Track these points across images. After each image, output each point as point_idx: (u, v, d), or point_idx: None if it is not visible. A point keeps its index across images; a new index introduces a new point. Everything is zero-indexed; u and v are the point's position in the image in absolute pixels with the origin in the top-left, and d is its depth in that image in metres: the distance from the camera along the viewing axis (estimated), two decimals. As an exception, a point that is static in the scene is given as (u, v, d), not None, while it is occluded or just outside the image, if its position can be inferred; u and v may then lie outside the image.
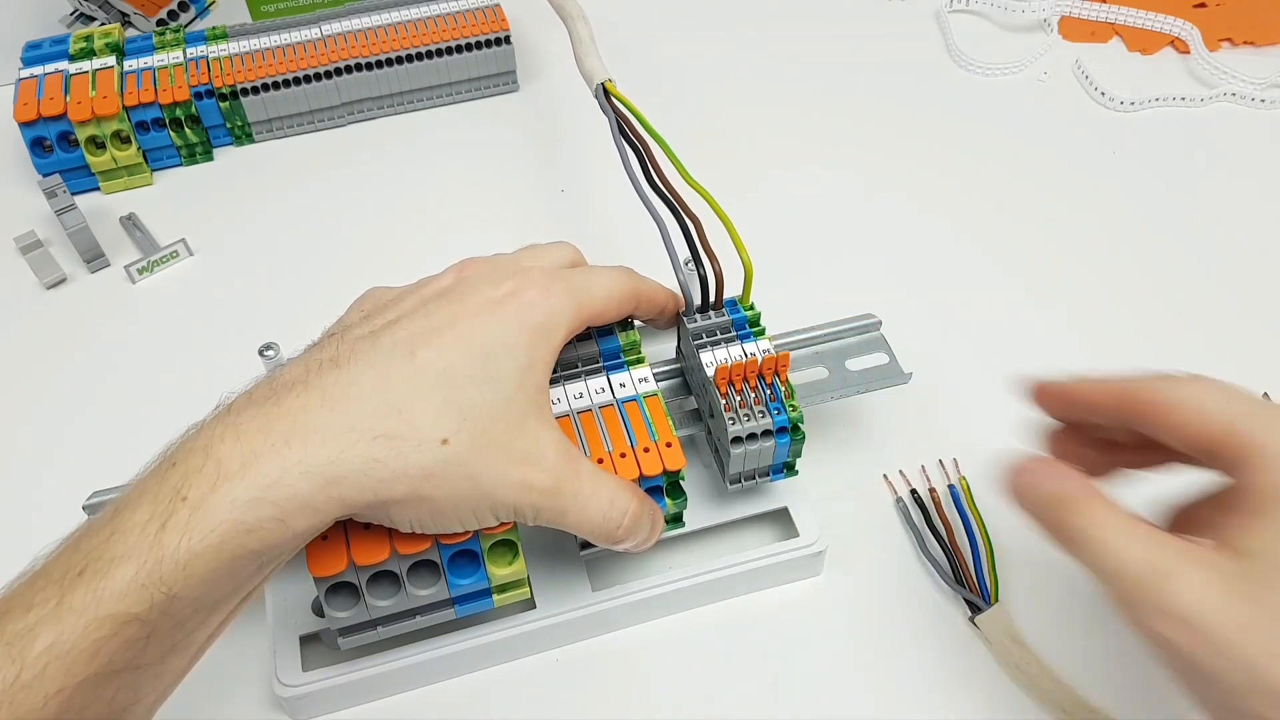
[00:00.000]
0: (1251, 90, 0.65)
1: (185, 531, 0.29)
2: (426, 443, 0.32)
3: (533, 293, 0.36)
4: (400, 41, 0.62)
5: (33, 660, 0.27)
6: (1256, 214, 0.59)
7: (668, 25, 0.72)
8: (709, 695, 0.40)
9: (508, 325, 0.35)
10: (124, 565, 0.29)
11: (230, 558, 0.29)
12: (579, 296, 0.37)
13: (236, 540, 0.29)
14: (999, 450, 0.35)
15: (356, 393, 0.32)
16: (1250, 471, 0.30)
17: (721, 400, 0.39)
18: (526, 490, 0.34)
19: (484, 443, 0.33)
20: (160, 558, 0.29)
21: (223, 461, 0.30)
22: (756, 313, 0.42)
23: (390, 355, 0.33)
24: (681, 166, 0.43)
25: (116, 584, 0.28)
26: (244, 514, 0.29)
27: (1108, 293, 0.54)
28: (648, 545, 0.38)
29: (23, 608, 0.28)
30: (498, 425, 0.33)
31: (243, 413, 0.32)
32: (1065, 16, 0.71)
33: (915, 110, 0.65)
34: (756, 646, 0.42)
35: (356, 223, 0.59)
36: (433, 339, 0.34)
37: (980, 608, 0.40)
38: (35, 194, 0.57)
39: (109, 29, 0.63)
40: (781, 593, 0.43)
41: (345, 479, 0.31)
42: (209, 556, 0.29)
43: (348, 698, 0.40)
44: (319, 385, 0.32)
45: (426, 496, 0.32)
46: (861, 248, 0.57)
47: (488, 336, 0.34)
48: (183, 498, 0.29)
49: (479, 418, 0.33)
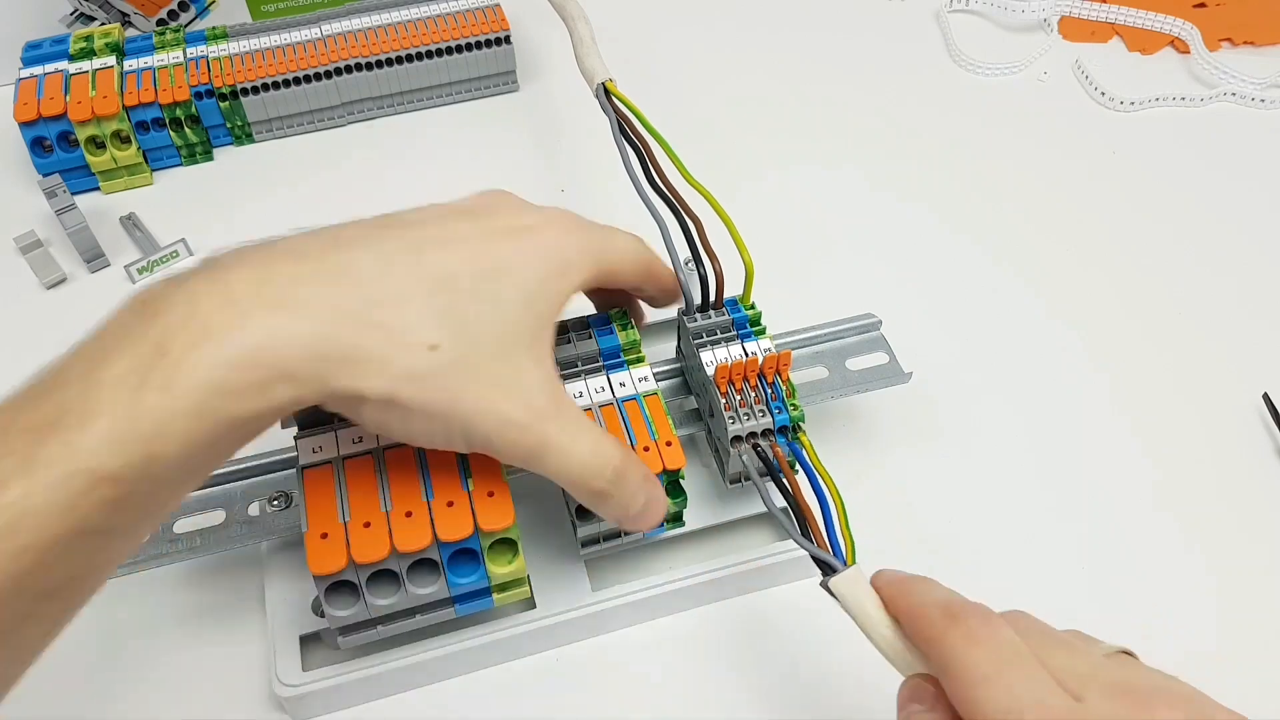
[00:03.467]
0: (1251, 90, 0.65)
1: (165, 388, 0.27)
2: (414, 345, 0.31)
3: (555, 231, 0.35)
4: (400, 41, 0.62)
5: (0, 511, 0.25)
6: (1256, 214, 0.59)
7: (669, 26, 0.72)
8: (709, 695, 0.40)
9: (524, 255, 0.34)
10: (100, 420, 0.27)
11: (211, 421, 0.28)
12: (600, 246, 0.37)
13: (218, 404, 0.28)
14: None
15: (355, 275, 0.31)
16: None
17: (721, 399, 0.39)
18: (502, 422, 0.32)
19: (470, 361, 0.32)
20: (138, 415, 0.27)
21: (208, 319, 0.28)
22: (757, 312, 0.42)
23: (397, 249, 0.32)
24: (682, 166, 0.43)
25: (92, 439, 0.26)
26: (226, 375, 0.28)
27: (1107, 292, 0.54)
28: (647, 518, 0.36)
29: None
30: (489, 348, 0.32)
31: (232, 270, 0.30)
32: (1065, 16, 0.71)
33: (915, 110, 0.65)
34: (757, 646, 0.42)
35: (356, 223, 0.59)
36: (444, 244, 0.33)
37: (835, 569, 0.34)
38: (35, 194, 0.57)
39: (109, 29, 0.63)
40: (782, 592, 0.43)
41: (329, 357, 0.30)
42: (188, 417, 0.27)
43: (348, 697, 0.40)
44: (318, 259, 0.31)
45: (401, 400, 0.31)
46: (862, 248, 0.57)
47: (499, 259, 0.33)
48: (163, 353, 0.28)
49: (471, 335, 0.32)
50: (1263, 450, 0.48)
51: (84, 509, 0.26)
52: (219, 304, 0.29)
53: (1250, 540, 0.45)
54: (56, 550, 0.26)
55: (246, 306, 0.29)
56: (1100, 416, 0.49)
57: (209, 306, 0.28)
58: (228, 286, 0.29)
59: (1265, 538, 0.45)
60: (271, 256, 0.31)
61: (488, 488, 0.35)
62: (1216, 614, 0.43)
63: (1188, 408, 0.49)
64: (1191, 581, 0.44)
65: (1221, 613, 0.43)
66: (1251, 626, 0.42)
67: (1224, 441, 0.48)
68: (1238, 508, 0.46)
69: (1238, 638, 0.42)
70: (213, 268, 0.30)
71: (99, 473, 0.26)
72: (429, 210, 0.35)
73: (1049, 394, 0.50)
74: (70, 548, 0.27)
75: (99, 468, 0.26)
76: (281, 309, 0.29)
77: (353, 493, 0.35)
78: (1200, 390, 0.50)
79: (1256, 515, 0.46)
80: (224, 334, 0.28)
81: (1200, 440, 0.48)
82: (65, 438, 0.26)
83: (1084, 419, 0.49)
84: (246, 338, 0.28)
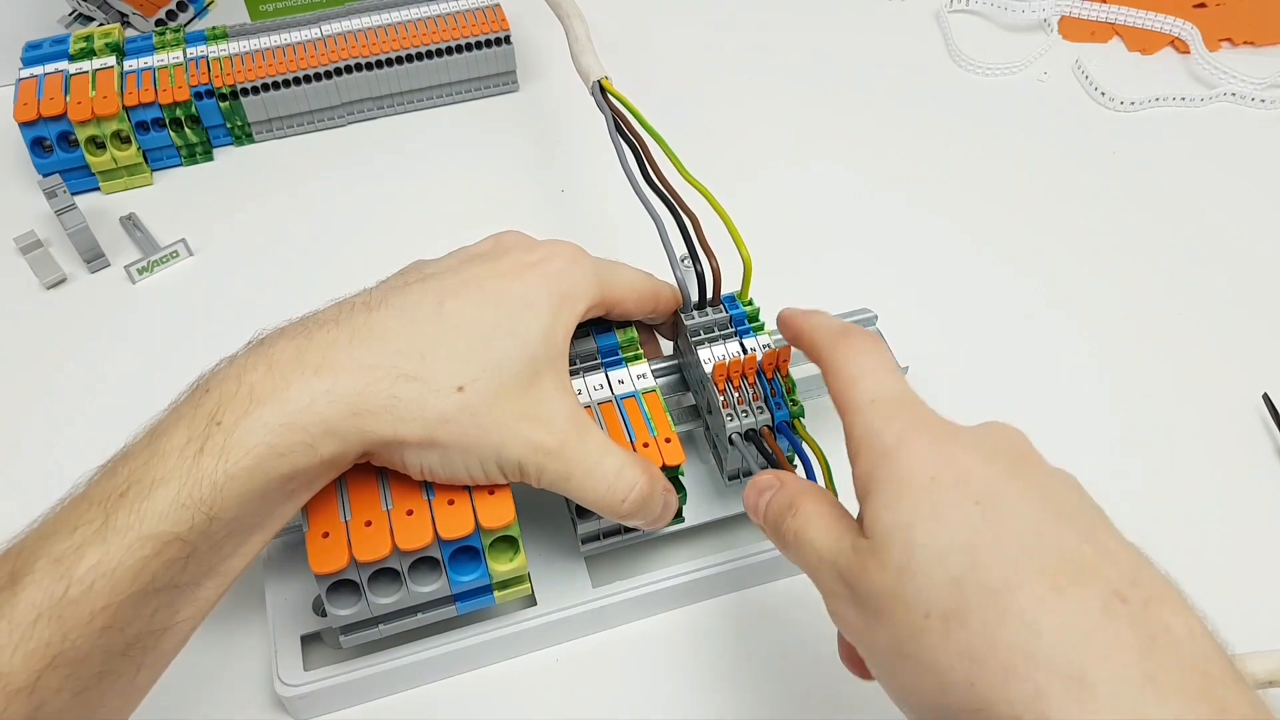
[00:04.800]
0: (1251, 90, 0.65)
1: (221, 454, 0.30)
2: (444, 389, 0.33)
3: (561, 262, 0.38)
4: (400, 41, 0.63)
5: (80, 577, 0.28)
6: (1256, 214, 0.59)
7: (665, 24, 0.72)
8: (710, 690, 0.40)
9: (535, 287, 0.36)
10: (165, 487, 0.30)
11: (263, 480, 0.31)
12: (604, 276, 0.39)
13: (269, 463, 0.31)
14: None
15: (383, 334, 0.34)
16: (858, 456, 0.30)
17: (719, 396, 0.39)
18: (532, 449, 0.35)
19: (497, 395, 0.34)
20: (199, 479, 0.30)
21: (255, 388, 0.32)
22: (755, 308, 0.42)
23: (419, 303, 0.35)
24: (679, 163, 0.43)
25: (158, 504, 0.30)
26: (275, 438, 0.31)
27: (1106, 291, 0.54)
28: (658, 525, 0.39)
29: (68, 528, 0.29)
30: (514, 380, 0.35)
31: (275, 344, 0.33)
32: (1065, 16, 0.71)
33: (915, 110, 0.65)
34: (757, 641, 0.42)
35: (357, 223, 0.59)
36: (460, 292, 0.36)
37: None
38: (35, 194, 0.57)
39: (109, 29, 0.63)
40: (781, 587, 0.43)
41: (368, 412, 0.32)
42: (244, 478, 0.31)
43: (349, 696, 0.40)
44: (349, 324, 0.34)
45: (438, 441, 0.33)
46: (860, 246, 0.57)
47: (514, 295, 0.36)
48: (217, 422, 0.31)
49: (496, 370, 0.34)
50: (1263, 450, 0.48)
51: (153, 569, 0.30)
52: (263, 373, 0.32)
53: (1250, 540, 0.45)
54: (129, 609, 0.30)
55: (288, 373, 0.32)
56: (1099, 416, 0.49)
57: (254, 376, 0.32)
58: (270, 357, 0.33)
59: (1265, 538, 0.45)
60: (308, 327, 0.34)
61: (488, 486, 0.35)
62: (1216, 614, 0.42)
63: (1187, 407, 0.49)
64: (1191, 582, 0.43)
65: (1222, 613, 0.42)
66: (1251, 627, 0.42)
67: (1224, 441, 0.48)
68: (1238, 508, 0.46)
69: (1238, 638, 0.42)
70: (258, 345, 0.34)
71: (165, 536, 0.30)
72: (447, 260, 0.38)
73: (1048, 393, 0.50)
74: (141, 605, 0.30)
75: (165, 531, 0.30)
76: (320, 372, 0.32)
77: (354, 492, 0.35)
78: (1200, 390, 0.50)
79: (1256, 515, 0.46)
80: (270, 400, 0.31)
81: (1200, 440, 0.48)
82: (133, 506, 0.30)
83: (1083, 418, 0.49)
84: (290, 402, 0.32)
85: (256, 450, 0.31)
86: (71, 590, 0.28)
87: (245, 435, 0.31)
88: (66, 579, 0.28)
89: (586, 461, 0.35)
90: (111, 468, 0.31)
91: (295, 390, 0.32)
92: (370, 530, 0.34)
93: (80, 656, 0.29)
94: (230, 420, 0.31)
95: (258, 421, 0.31)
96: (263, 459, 0.31)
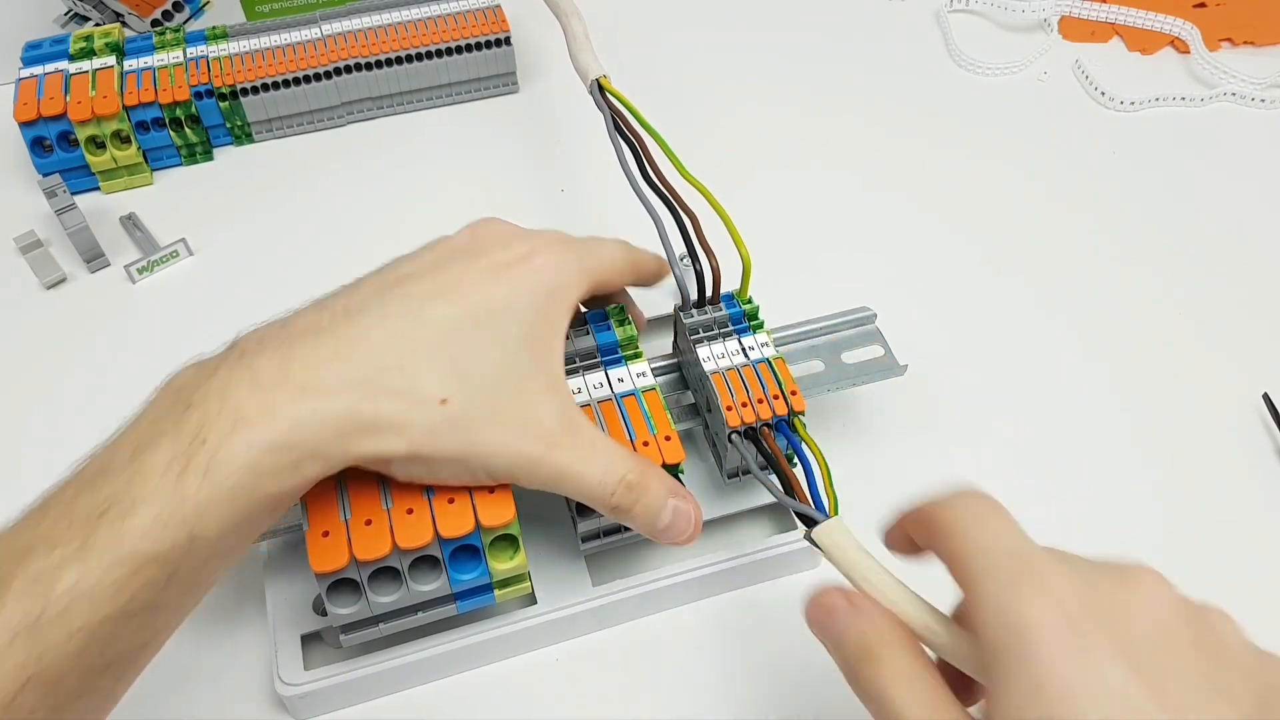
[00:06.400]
0: (1251, 90, 0.65)
1: (205, 475, 0.30)
2: (427, 402, 0.33)
3: (542, 258, 0.37)
4: (400, 42, 0.63)
5: (57, 597, 0.28)
6: (1256, 214, 0.59)
7: (664, 22, 0.72)
8: (710, 688, 0.40)
9: (516, 289, 0.36)
10: (146, 507, 0.29)
11: (247, 500, 0.30)
12: (588, 262, 0.38)
13: (253, 484, 0.30)
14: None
15: (367, 348, 0.33)
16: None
17: (719, 395, 0.39)
18: (519, 456, 0.34)
19: (480, 405, 0.34)
20: (181, 500, 0.29)
21: (240, 408, 0.31)
22: (755, 306, 0.42)
23: (400, 312, 0.34)
24: (678, 162, 0.43)
25: (139, 524, 0.29)
26: (260, 459, 0.30)
27: (1106, 292, 0.54)
28: (674, 532, 0.37)
29: (46, 546, 0.29)
30: (497, 388, 0.34)
31: (257, 358, 0.32)
32: (1065, 16, 0.71)
33: (914, 109, 0.65)
34: (757, 639, 0.42)
35: (357, 223, 0.59)
36: (439, 298, 0.35)
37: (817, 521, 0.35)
38: (35, 194, 0.57)
39: (109, 29, 0.63)
40: (782, 585, 0.43)
41: (354, 432, 0.32)
42: (227, 500, 0.30)
43: (349, 696, 0.40)
44: (331, 335, 0.33)
45: (425, 455, 0.33)
46: (859, 244, 0.57)
47: (494, 299, 0.35)
48: (202, 441, 0.30)
49: (479, 380, 0.34)
50: (1263, 450, 0.48)
51: (132, 589, 0.29)
52: (247, 392, 0.31)
53: (1250, 540, 0.45)
54: (108, 629, 0.29)
55: (273, 393, 0.31)
56: (1099, 415, 0.49)
57: (239, 395, 0.31)
58: (254, 374, 0.32)
59: (1265, 538, 0.45)
60: (289, 338, 0.33)
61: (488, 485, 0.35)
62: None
63: (1187, 407, 0.49)
64: (1191, 582, 0.43)
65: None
66: (1251, 627, 0.42)
67: (1224, 441, 0.48)
68: (1237, 508, 0.46)
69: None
70: (239, 356, 0.33)
71: (145, 555, 0.29)
72: (426, 256, 0.37)
73: (1048, 393, 0.50)
74: (120, 625, 0.29)
75: (145, 551, 0.29)
76: (305, 392, 0.32)
77: (354, 491, 0.35)
78: (1200, 390, 0.50)
79: (1256, 515, 0.45)
80: (255, 421, 0.31)
81: (1200, 440, 0.48)
82: (114, 525, 0.29)
83: (1083, 418, 0.49)
84: (277, 424, 0.31)
85: (241, 472, 0.30)
86: (48, 611, 0.28)
87: (229, 456, 0.30)
88: (43, 599, 0.28)
89: (576, 459, 0.35)
90: (89, 482, 0.30)
91: (281, 412, 0.31)
92: (370, 529, 0.34)
93: (57, 676, 0.28)
94: (215, 440, 0.30)
95: (243, 443, 0.30)
96: (247, 480, 0.30)
